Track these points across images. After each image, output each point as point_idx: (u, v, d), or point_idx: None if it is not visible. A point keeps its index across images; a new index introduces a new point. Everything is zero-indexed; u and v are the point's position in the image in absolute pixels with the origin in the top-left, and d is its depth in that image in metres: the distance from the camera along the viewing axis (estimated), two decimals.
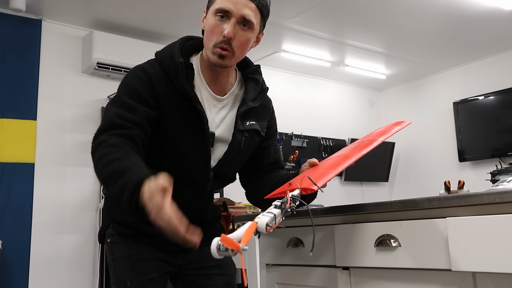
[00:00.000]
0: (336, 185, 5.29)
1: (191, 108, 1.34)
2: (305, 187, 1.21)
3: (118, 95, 1.35)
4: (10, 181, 3.35)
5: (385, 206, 1.38)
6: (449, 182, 1.70)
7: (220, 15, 1.31)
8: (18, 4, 3.28)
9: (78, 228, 3.62)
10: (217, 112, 1.42)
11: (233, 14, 1.30)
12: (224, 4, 1.30)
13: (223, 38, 1.30)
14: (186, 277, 1.47)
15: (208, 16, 1.35)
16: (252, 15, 1.32)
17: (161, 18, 3.77)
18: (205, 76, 1.41)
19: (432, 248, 1.27)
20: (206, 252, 1.45)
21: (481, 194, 1.16)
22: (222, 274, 1.51)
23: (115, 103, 1.32)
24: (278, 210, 1.07)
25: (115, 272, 1.38)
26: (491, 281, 1.16)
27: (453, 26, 4.12)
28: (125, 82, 1.36)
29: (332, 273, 1.54)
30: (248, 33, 1.34)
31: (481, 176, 3.69)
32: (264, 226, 1.01)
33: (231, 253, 0.96)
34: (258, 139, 1.50)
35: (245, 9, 1.30)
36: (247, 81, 1.48)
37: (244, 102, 1.43)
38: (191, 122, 1.35)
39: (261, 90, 1.49)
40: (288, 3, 3.58)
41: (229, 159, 1.44)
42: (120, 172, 1.14)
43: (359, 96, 5.77)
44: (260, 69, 1.51)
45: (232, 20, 1.30)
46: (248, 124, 1.44)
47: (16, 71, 3.49)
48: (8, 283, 3.22)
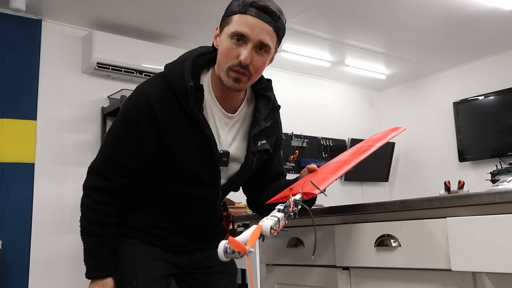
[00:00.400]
0: (336, 185, 5.29)
1: (200, 131, 1.32)
2: (306, 191, 1.21)
3: (115, 126, 1.34)
4: (10, 181, 3.35)
5: (385, 206, 1.38)
6: (449, 182, 1.71)
7: (237, 38, 1.26)
8: (18, 4, 3.28)
9: (78, 228, 3.58)
10: (229, 130, 1.40)
11: (250, 39, 1.26)
12: (241, 28, 1.25)
13: (239, 62, 1.26)
14: (190, 276, 1.49)
15: (223, 37, 1.30)
16: (269, 38, 1.28)
17: (161, 18, 3.77)
18: (216, 94, 1.37)
19: (432, 248, 1.27)
20: (209, 252, 1.50)
21: (481, 194, 1.16)
22: (224, 273, 1.53)
23: (111, 139, 1.34)
24: (281, 214, 1.08)
25: (120, 272, 1.38)
26: (491, 281, 1.16)
27: (453, 26, 4.12)
28: (125, 110, 1.34)
29: (332, 273, 1.54)
30: (265, 57, 1.31)
31: (481, 176, 3.69)
32: (268, 230, 1.02)
33: (237, 255, 0.98)
34: (267, 156, 1.50)
35: (263, 34, 1.27)
36: (258, 98, 1.45)
37: (256, 123, 1.40)
38: (200, 145, 1.33)
39: (273, 107, 1.46)
40: (288, 3, 3.58)
41: (240, 179, 1.46)
42: (89, 253, 1.35)
43: (359, 96, 5.77)
44: (271, 85, 1.48)
45: (249, 45, 1.26)
46: (259, 144, 1.42)
47: (16, 71, 3.49)
48: (8, 283, 3.22)
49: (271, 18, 1.27)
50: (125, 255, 1.39)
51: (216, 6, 3.51)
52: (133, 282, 1.35)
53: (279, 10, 1.30)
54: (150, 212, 1.41)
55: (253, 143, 1.40)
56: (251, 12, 1.25)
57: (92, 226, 1.34)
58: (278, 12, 1.29)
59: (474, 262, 1.16)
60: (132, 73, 3.83)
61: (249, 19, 1.25)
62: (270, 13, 1.27)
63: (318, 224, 1.62)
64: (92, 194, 1.34)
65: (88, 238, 1.35)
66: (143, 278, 1.36)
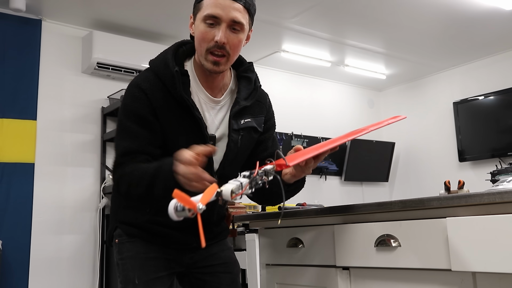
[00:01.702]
0: (336, 185, 5.29)
1: (190, 115, 1.36)
2: (279, 163, 1.21)
3: (120, 122, 1.38)
4: (10, 181, 3.35)
5: (385, 206, 1.38)
6: (449, 182, 1.71)
7: (210, 22, 1.31)
8: (18, 4, 3.28)
9: (78, 228, 3.61)
10: (215, 114, 1.43)
11: (222, 19, 1.30)
12: (212, 10, 1.30)
13: (215, 43, 1.31)
14: (193, 275, 1.50)
15: (197, 23, 1.35)
16: (241, 16, 1.33)
17: (161, 18, 3.77)
18: (200, 80, 1.42)
19: (432, 248, 1.27)
20: (212, 250, 1.52)
21: (481, 194, 1.16)
22: (227, 272, 1.54)
23: (121, 133, 1.37)
24: (245, 179, 1.09)
25: (123, 271, 1.39)
26: (491, 281, 1.16)
27: (453, 26, 4.12)
28: (124, 105, 1.39)
29: (332, 273, 1.54)
30: (240, 35, 1.35)
31: (481, 176, 3.69)
32: (229, 193, 1.03)
33: (188, 213, 0.96)
34: (256, 135, 1.51)
35: (234, 12, 1.31)
36: (240, 79, 1.49)
37: (236, 102, 1.44)
38: (191, 129, 1.37)
39: (254, 87, 1.50)
40: (288, 3, 3.58)
41: (229, 159, 1.45)
42: (151, 175, 1.24)
43: (359, 96, 5.77)
44: (252, 66, 1.52)
45: (222, 25, 1.31)
46: (243, 122, 1.44)
47: (16, 71, 3.48)
48: (8, 283, 3.22)
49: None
50: (127, 254, 1.40)
51: None
52: (136, 280, 1.36)
53: None
54: (151, 209, 1.42)
55: (234, 121, 1.43)
56: None
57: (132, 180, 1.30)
58: None
59: (474, 262, 1.16)
60: (132, 73, 3.83)
61: (219, 0, 1.30)
62: None
63: (318, 224, 1.62)
64: (125, 178, 1.33)
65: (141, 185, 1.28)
66: (145, 276, 1.37)
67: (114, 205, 1.51)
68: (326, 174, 5.17)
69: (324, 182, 5.17)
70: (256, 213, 2.30)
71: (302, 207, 3.30)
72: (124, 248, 1.41)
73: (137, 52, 3.83)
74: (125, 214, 1.44)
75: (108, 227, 1.52)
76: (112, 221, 1.50)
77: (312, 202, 4.48)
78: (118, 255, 1.43)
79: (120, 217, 1.46)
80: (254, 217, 1.88)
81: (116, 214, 1.48)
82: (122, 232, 1.43)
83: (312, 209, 1.62)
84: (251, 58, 1.55)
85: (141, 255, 1.39)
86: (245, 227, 2.99)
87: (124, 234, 1.42)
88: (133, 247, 1.40)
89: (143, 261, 1.39)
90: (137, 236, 1.41)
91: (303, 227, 1.67)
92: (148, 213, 1.41)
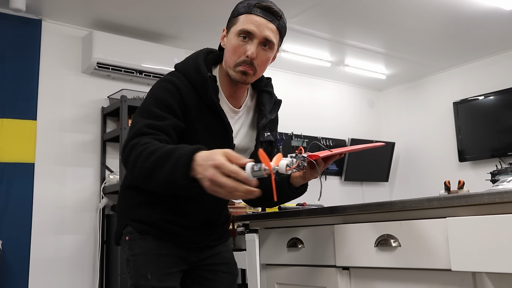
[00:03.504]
0: (336, 185, 5.29)
1: (218, 120, 1.42)
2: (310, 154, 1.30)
3: (145, 106, 1.38)
4: (10, 181, 3.35)
5: (385, 206, 1.38)
6: (449, 182, 1.71)
7: (243, 36, 1.38)
8: (18, 4, 3.28)
9: (78, 228, 3.61)
10: (233, 124, 1.49)
11: (256, 36, 1.37)
12: (247, 26, 1.37)
13: (246, 58, 1.37)
14: (195, 272, 1.53)
15: (230, 36, 1.41)
16: (273, 35, 1.40)
17: (161, 18, 3.77)
18: (224, 90, 1.48)
19: (432, 248, 1.27)
20: (217, 250, 1.57)
21: (481, 194, 1.16)
22: (228, 272, 1.59)
23: (143, 114, 1.36)
24: (294, 159, 1.24)
25: (135, 266, 1.41)
26: (491, 281, 1.16)
27: (453, 26, 4.12)
28: (152, 94, 1.40)
29: (332, 273, 1.54)
30: (269, 53, 1.42)
31: (481, 176, 3.69)
32: (284, 167, 1.16)
33: (263, 173, 1.06)
34: (271, 148, 1.59)
35: (267, 31, 1.38)
36: (262, 93, 1.56)
37: (263, 115, 1.52)
38: (218, 133, 1.42)
39: (275, 102, 1.58)
40: (288, 3, 3.58)
41: None
42: (167, 155, 1.16)
43: (359, 96, 5.77)
44: (271, 82, 1.60)
45: (255, 41, 1.38)
46: (266, 135, 1.54)
47: (16, 71, 3.48)
48: (8, 283, 3.22)
49: (274, 17, 1.40)
50: (139, 250, 1.42)
51: (216, 6, 3.51)
52: (148, 275, 1.38)
53: (281, 11, 1.43)
54: (163, 208, 1.44)
55: (262, 133, 1.52)
56: (256, 12, 1.38)
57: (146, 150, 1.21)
58: (280, 12, 1.42)
59: (474, 262, 1.16)
60: (132, 73, 3.83)
61: (255, 17, 1.38)
62: (273, 12, 1.40)
63: (318, 224, 1.62)
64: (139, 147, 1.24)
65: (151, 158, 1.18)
66: (157, 272, 1.39)
67: (124, 204, 1.52)
68: (326, 174, 5.17)
69: (324, 182, 5.17)
70: (256, 213, 2.29)
71: (302, 207, 3.30)
72: (135, 244, 1.43)
73: (137, 52, 3.84)
74: (137, 212, 1.45)
75: (117, 226, 1.53)
76: (121, 219, 1.51)
77: (312, 202, 4.48)
78: (129, 251, 1.44)
79: (131, 215, 1.47)
80: (254, 217, 1.88)
81: (127, 212, 1.48)
82: (133, 230, 1.45)
83: (312, 209, 1.62)
84: None
85: (153, 252, 1.42)
86: (245, 227, 2.98)
87: (135, 232, 1.44)
88: (145, 243, 1.42)
89: (155, 257, 1.41)
90: (149, 233, 1.43)
91: (303, 227, 1.67)
92: (160, 212, 1.44)
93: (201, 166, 1.09)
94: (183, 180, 1.12)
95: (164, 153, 1.17)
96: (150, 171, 1.18)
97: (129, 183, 1.50)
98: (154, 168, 1.17)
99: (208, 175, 1.07)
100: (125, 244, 1.46)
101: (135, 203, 1.47)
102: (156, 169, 1.17)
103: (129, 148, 1.26)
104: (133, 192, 1.47)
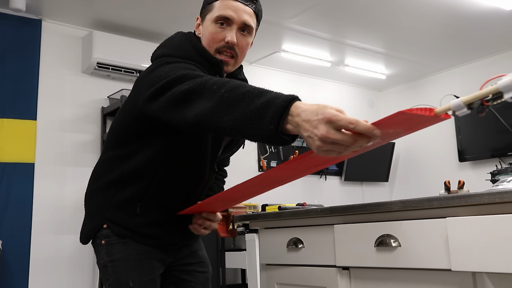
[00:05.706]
0: (336, 185, 5.29)
1: None
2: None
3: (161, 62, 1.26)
4: (10, 181, 3.35)
5: (385, 206, 1.38)
6: (449, 182, 1.71)
7: (221, 22, 1.34)
8: (18, 4, 3.28)
9: (78, 228, 3.53)
10: None
11: (234, 21, 1.34)
12: (224, 11, 1.33)
13: (226, 43, 1.33)
14: (170, 273, 1.50)
15: (206, 23, 1.37)
16: (251, 19, 1.36)
17: (161, 18, 3.77)
18: None
19: (432, 248, 1.27)
20: (192, 248, 1.54)
21: (481, 194, 1.16)
22: (203, 271, 1.55)
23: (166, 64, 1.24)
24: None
25: (115, 273, 1.34)
26: (491, 281, 1.16)
27: (453, 26, 4.12)
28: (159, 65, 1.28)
29: (332, 273, 1.54)
30: (248, 38, 1.39)
31: (481, 176, 3.69)
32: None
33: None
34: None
35: (245, 15, 1.35)
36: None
37: None
38: None
39: None
40: (288, 3, 3.58)
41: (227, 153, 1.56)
42: (259, 92, 0.97)
43: (359, 96, 5.77)
44: (243, 69, 1.55)
45: (233, 27, 1.34)
46: None
47: (16, 71, 3.49)
48: (8, 283, 3.22)
49: (250, 0, 1.37)
50: (118, 256, 1.35)
51: None
52: (130, 282, 1.32)
53: None
54: (142, 204, 1.36)
55: None
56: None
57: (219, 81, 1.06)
58: None
59: (474, 262, 1.16)
60: (132, 73, 3.83)
61: (231, 2, 1.34)
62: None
63: (318, 224, 1.62)
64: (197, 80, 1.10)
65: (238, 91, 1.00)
66: (139, 278, 1.34)
67: (101, 202, 1.40)
68: (326, 174, 5.17)
69: (324, 182, 5.17)
70: (256, 213, 2.29)
71: (302, 207, 3.30)
72: (114, 249, 1.35)
73: (137, 52, 3.83)
74: (116, 215, 1.37)
75: (88, 223, 1.41)
76: (96, 217, 1.40)
77: (312, 202, 4.48)
78: (107, 256, 1.36)
79: (110, 216, 1.37)
80: (254, 217, 1.88)
81: (105, 211, 1.38)
82: (110, 233, 1.36)
83: (312, 209, 1.62)
84: (251, 58, 1.57)
85: (133, 257, 1.35)
86: (245, 227, 2.98)
87: (113, 235, 1.36)
88: (125, 248, 1.35)
89: (136, 262, 1.35)
90: (128, 237, 1.36)
91: (303, 227, 1.67)
92: (138, 214, 1.36)
93: (308, 122, 0.87)
94: (270, 124, 0.91)
95: (254, 88, 0.99)
96: (235, 102, 0.98)
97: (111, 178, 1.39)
98: (240, 100, 0.97)
99: (320, 133, 0.86)
100: (101, 248, 1.37)
101: (114, 201, 1.37)
102: (243, 101, 0.97)
103: (179, 78, 1.11)
104: (111, 189, 1.38)
